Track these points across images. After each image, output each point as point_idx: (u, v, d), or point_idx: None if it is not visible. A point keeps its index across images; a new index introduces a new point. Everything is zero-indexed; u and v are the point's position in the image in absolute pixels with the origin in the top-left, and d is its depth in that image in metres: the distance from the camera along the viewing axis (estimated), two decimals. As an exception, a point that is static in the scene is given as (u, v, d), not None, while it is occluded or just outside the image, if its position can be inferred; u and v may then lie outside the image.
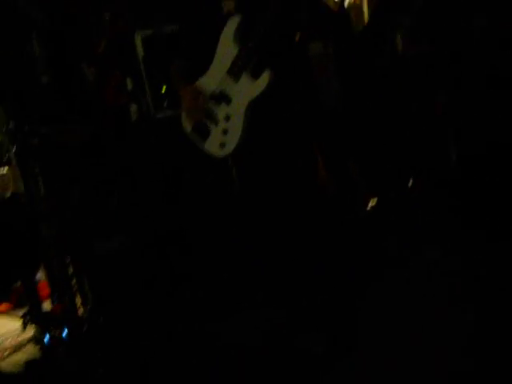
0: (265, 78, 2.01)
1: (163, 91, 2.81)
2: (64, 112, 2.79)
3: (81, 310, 2.19)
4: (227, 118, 2.10)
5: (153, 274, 2.88)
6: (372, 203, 3.35)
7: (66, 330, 1.91)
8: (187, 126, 2.25)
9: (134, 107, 2.91)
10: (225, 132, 2.11)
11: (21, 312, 4.23)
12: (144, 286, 2.77)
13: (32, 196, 1.77)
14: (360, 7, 5.70)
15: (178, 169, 2.81)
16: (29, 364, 2.42)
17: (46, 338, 2.06)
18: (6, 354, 3.33)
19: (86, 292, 2.26)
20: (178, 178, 2.85)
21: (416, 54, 3.09)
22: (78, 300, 2.24)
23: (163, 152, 2.82)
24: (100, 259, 2.79)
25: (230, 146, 2.10)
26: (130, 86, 2.94)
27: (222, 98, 2.10)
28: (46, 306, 2.54)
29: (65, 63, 3.19)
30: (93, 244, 2.85)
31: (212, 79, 2.13)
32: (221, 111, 2.11)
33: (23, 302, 4.20)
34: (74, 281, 2.32)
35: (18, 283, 2.27)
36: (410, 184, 3.27)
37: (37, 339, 2.34)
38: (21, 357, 3.22)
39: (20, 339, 3.54)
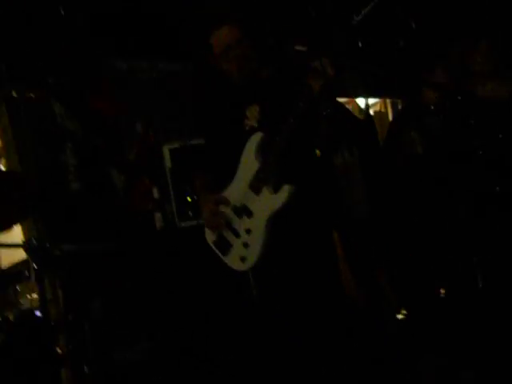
0: (285, 192, 2.02)
1: (188, 200, 2.86)
2: (91, 221, 2.85)
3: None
4: (248, 232, 2.09)
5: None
6: (401, 315, 3.23)
7: None
8: (209, 237, 2.26)
9: (158, 215, 2.95)
10: (245, 245, 2.10)
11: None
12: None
13: (47, 309, 1.75)
14: (385, 114, 5.86)
15: (200, 277, 2.79)
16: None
17: None
18: None
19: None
20: (201, 286, 2.83)
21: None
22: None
23: (186, 260, 2.82)
24: (121, 369, 2.72)
25: (251, 261, 2.08)
26: (156, 194, 3.01)
27: (244, 211, 2.11)
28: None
29: (95, 170, 3.31)
30: (113, 354, 2.79)
31: (234, 192, 2.16)
32: (242, 224, 2.11)
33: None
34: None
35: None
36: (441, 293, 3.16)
37: None
38: None
39: None
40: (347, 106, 4.94)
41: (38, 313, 2.07)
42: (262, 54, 2.25)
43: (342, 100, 4.61)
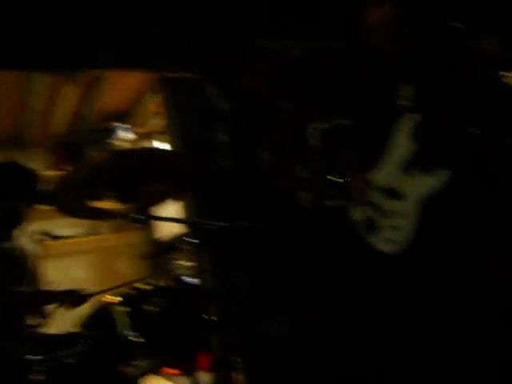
0: (440, 177, 1.94)
1: (335, 179, 2.85)
2: (240, 198, 2.96)
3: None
4: (397, 214, 2.05)
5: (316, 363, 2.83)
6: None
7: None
8: (355, 216, 2.25)
9: (304, 194, 2.98)
10: (393, 228, 2.06)
11: (184, 379, 4.46)
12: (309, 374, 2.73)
13: (204, 278, 1.87)
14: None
15: (343, 258, 2.78)
16: None
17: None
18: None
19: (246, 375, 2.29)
20: (343, 268, 2.82)
21: None
22: None
23: (330, 240, 2.82)
24: (264, 341, 2.82)
25: (398, 244, 2.04)
26: (302, 173, 3.04)
27: (393, 193, 2.07)
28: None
29: (244, 148, 3.43)
30: (257, 324, 2.90)
31: (383, 173, 2.12)
32: (390, 206, 2.08)
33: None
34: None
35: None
36: None
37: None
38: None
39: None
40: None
41: (189, 279, 2.21)
42: (417, 31, 2.16)
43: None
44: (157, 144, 5.41)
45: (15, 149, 5.57)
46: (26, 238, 2.74)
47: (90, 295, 2.34)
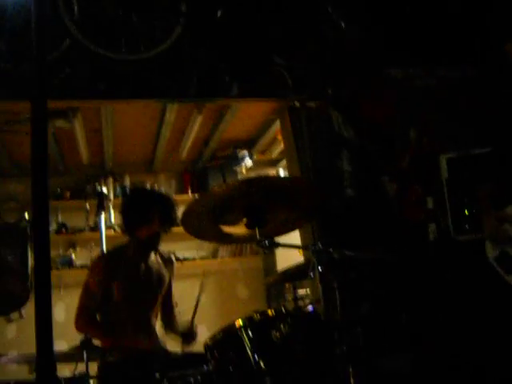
0: None
1: (466, 213, 2.71)
2: (364, 228, 2.91)
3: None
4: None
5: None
6: None
7: None
8: (490, 252, 2.11)
9: (432, 226, 2.86)
10: (536, 267, 1.90)
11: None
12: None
13: (329, 308, 1.85)
14: None
15: (475, 294, 2.61)
16: None
17: None
18: None
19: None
20: (475, 303, 2.65)
21: None
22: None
23: (461, 275, 2.67)
24: (384, 378, 2.72)
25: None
26: (430, 204, 2.92)
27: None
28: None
29: (368, 177, 3.38)
30: (378, 360, 2.80)
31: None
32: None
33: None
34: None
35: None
36: None
37: None
38: None
39: None
40: None
41: (311, 308, 2.18)
42: None
43: None
44: (281, 170, 5.51)
45: (146, 173, 5.96)
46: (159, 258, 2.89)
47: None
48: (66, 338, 2.67)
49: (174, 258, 2.99)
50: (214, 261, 5.97)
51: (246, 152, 5.33)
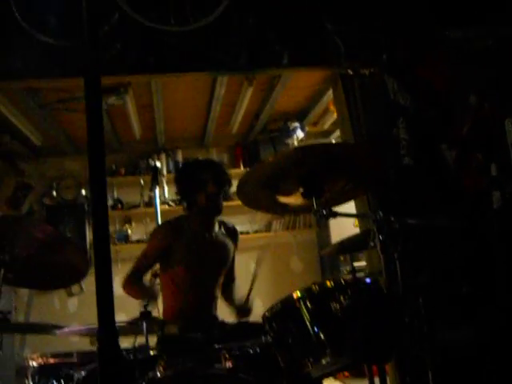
0: None
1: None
2: (422, 197, 2.81)
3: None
4: None
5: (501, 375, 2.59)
6: None
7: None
8: None
9: (496, 194, 2.73)
10: None
11: (356, 381, 4.38)
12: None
13: (390, 279, 1.79)
14: None
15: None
16: None
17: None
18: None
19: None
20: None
21: None
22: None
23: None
24: (446, 350, 2.64)
25: None
26: (494, 171, 2.78)
27: None
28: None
29: (426, 145, 3.25)
30: (440, 332, 2.73)
31: None
32: None
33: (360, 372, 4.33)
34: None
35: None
36: None
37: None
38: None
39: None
40: None
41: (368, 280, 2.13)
42: None
43: None
44: (334, 142, 5.40)
45: (198, 148, 5.98)
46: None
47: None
48: (124, 311, 2.72)
49: (238, 229, 2.97)
50: (268, 234, 5.97)
51: (297, 124, 5.25)
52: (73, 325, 3.75)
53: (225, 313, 2.91)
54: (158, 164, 3.71)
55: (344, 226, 4.14)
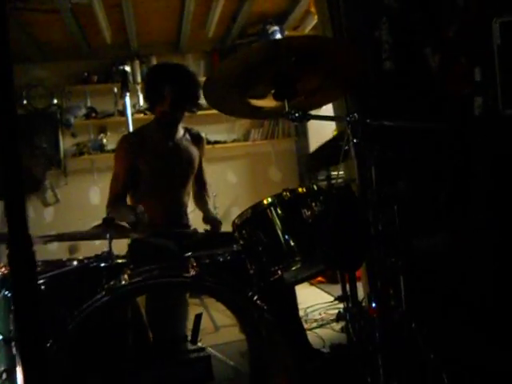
0: None
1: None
2: (403, 102, 2.70)
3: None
4: None
5: (474, 281, 2.62)
6: None
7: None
8: None
9: (478, 100, 2.62)
10: None
11: (330, 287, 4.47)
12: (463, 295, 2.53)
13: (364, 186, 1.71)
14: None
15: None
16: (333, 345, 2.45)
17: (355, 327, 1.98)
18: (312, 325, 3.54)
19: (400, 292, 2.15)
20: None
21: None
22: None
23: (506, 152, 2.48)
24: (420, 257, 2.65)
25: None
26: (477, 76, 2.65)
27: None
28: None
29: (409, 48, 3.09)
30: (413, 239, 2.73)
31: None
32: None
33: (335, 278, 4.41)
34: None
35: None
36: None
37: (344, 323, 2.33)
38: (325, 333, 3.38)
39: (327, 315, 3.72)
40: None
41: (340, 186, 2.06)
42: None
43: None
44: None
45: (173, 54, 5.71)
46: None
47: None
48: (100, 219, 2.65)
49: (203, 135, 2.84)
50: (246, 143, 5.88)
51: (277, 28, 4.99)
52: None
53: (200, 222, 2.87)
54: (128, 68, 3.52)
55: (323, 134, 4.02)
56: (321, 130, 4.57)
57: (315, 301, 3.99)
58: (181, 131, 2.69)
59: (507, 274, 2.49)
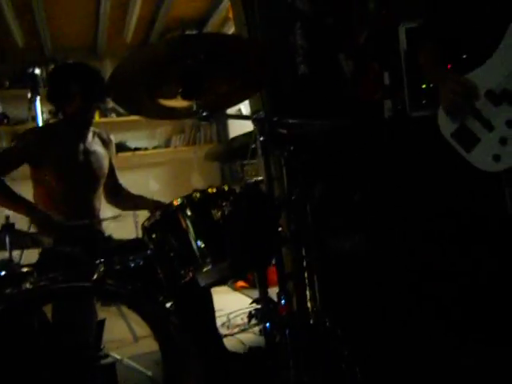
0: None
1: (423, 87, 2.55)
2: (317, 105, 2.74)
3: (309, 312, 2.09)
4: (509, 124, 1.73)
5: (389, 280, 2.68)
6: None
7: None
8: (446, 127, 1.94)
9: (388, 103, 2.71)
10: (503, 141, 1.73)
11: (253, 292, 4.46)
12: (378, 294, 2.58)
13: (272, 185, 1.71)
14: None
15: (431, 172, 2.53)
16: (251, 348, 2.44)
17: (267, 327, 1.97)
18: (234, 331, 3.51)
19: (314, 292, 2.16)
20: (428, 181, 2.57)
21: None
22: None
23: (415, 153, 2.57)
24: (334, 257, 2.69)
25: (509, 160, 1.73)
26: (386, 80, 2.75)
27: (505, 97, 1.73)
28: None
29: (323, 53, 3.15)
30: (329, 240, 2.77)
31: (490, 74, 1.78)
32: (500, 115, 1.75)
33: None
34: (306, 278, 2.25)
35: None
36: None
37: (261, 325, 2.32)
38: (246, 337, 3.36)
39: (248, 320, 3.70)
40: None
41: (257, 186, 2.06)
42: None
43: None
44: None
45: (91, 60, 5.55)
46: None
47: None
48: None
49: (112, 137, 2.76)
50: (167, 150, 5.80)
51: (196, 33, 4.97)
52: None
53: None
54: (37, 71, 3.36)
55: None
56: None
57: (238, 306, 3.96)
58: (90, 135, 2.60)
59: (423, 275, 2.57)
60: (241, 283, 4.69)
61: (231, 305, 3.99)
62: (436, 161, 2.39)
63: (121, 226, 2.96)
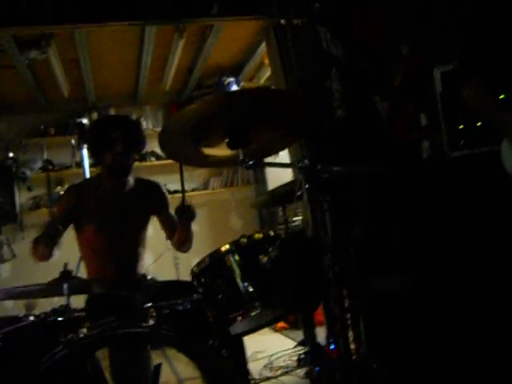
0: None
1: (460, 127, 2.59)
2: (355, 148, 2.80)
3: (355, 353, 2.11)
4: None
5: (434, 321, 2.65)
6: None
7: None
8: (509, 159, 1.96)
9: (426, 144, 2.75)
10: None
11: (294, 333, 4.45)
12: (423, 334, 2.56)
13: (318, 229, 1.77)
14: None
15: (471, 211, 2.53)
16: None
17: (316, 371, 2.00)
18: (277, 373, 3.50)
19: (360, 333, 2.18)
20: (471, 221, 2.57)
21: None
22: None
23: (455, 193, 2.59)
24: (377, 298, 2.69)
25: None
26: (423, 121, 2.79)
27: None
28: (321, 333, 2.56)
29: (359, 97, 3.23)
30: (371, 281, 2.77)
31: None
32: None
33: (297, 324, 4.41)
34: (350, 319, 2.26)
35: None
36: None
37: (307, 368, 2.33)
38: (290, 380, 3.35)
39: (291, 361, 3.70)
40: None
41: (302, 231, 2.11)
42: None
43: None
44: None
45: (131, 106, 5.77)
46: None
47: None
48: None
49: (159, 183, 2.84)
50: (206, 192, 5.91)
51: (232, 79, 5.13)
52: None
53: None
54: (85, 121, 3.53)
55: (282, 180, 4.10)
56: (280, 176, 4.65)
57: (279, 347, 3.96)
58: (131, 182, 2.68)
59: (472, 316, 2.55)
60: (281, 324, 4.69)
61: (272, 346, 3.99)
62: (476, 200, 2.41)
63: (160, 266, 3.02)
